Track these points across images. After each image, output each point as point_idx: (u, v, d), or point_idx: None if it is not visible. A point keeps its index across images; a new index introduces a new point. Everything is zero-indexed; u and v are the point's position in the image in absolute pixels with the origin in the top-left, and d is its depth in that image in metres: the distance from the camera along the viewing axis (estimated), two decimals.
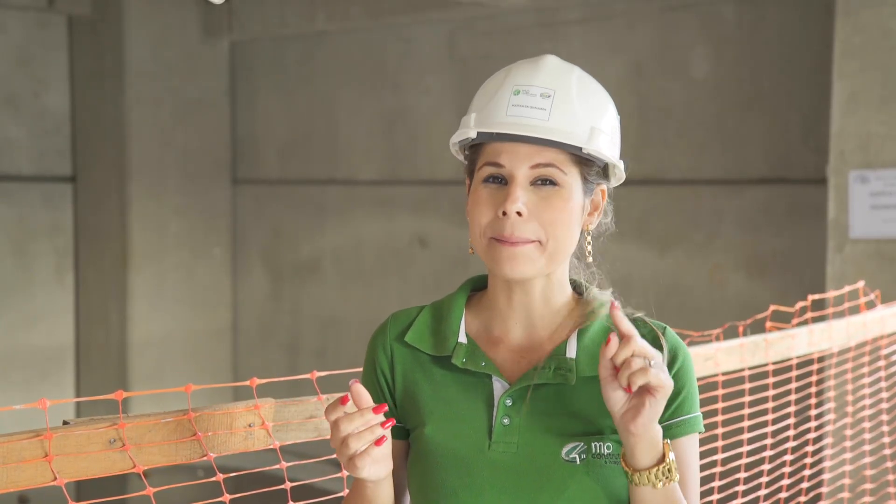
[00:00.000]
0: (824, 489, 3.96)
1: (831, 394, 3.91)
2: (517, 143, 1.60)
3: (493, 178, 1.62)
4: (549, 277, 1.66)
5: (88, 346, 8.64)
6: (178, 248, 8.57)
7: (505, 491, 1.60)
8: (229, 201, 8.86)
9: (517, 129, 1.58)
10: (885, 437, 4.07)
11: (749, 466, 3.41)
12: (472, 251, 1.67)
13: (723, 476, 3.24)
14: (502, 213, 1.59)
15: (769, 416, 3.45)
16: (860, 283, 4.00)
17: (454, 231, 7.51)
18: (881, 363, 4.05)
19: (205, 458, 1.81)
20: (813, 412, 3.75)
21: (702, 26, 6.50)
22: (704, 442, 3.26)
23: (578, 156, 1.62)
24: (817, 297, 3.79)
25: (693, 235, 6.60)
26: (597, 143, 1.61)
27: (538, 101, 1.60)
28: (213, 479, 1.94)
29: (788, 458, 3.53)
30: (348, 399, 1.53)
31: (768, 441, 3.45)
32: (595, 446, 1.60)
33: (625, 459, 1.55)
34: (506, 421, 1.62)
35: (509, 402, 1.63)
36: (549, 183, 1.60)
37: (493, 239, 1.61)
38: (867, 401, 3.99)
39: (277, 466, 2.04)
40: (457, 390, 1.66)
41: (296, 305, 8.64)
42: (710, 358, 2.92)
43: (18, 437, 1.63)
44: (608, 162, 1.66)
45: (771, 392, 3.43)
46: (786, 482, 3.52)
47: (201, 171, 8.63)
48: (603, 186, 1.69)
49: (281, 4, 8.04)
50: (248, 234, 8.90)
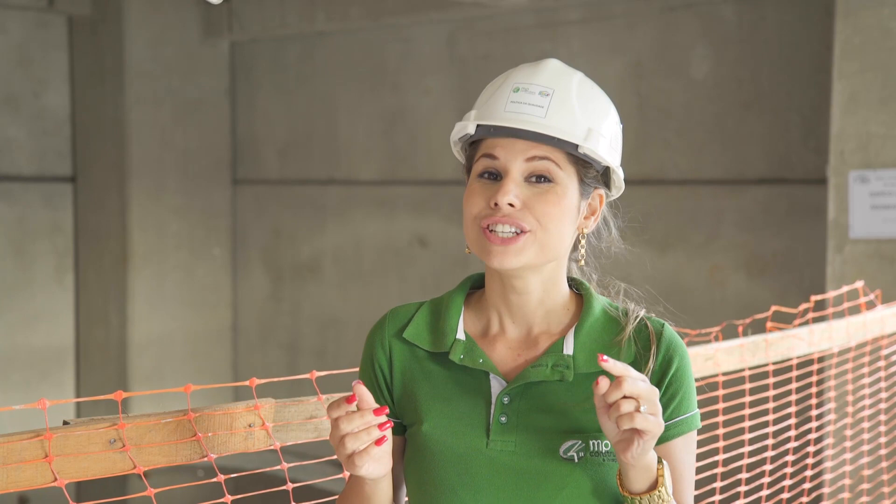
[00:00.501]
0: (826, 489, 3.96)
1: (832, 394, 3.91)
2: (514, 139, 1.60)
3: (488, 174, 1.63)
4: (545, 275, 1.66)
5: (88, 346, 8.64)
6: (177, 248, 8.57)
7: (503, 489, 1.60)
8: (229, 201, 8.86)
9: (514, 122, 1.59)
10: (882, 437, 4.07)
11: (751, 467, 3.41)
12: (468, 251, 1.67)
13: (724, 476, 3.24)
14: (494, 204, 1.60)
15: (770, 417, 3.45)
16: (860, 283, 3.99)
17: (454, 231, 7.51)
18: (881, 363, 4.05)
19: (205, 459, 1.81)
20: (814, 412, 3.75)
21: (702, 26, 6.50)
22: (706, 442, 3.27)
23: (575, 155, 1.62)
24: (819, 297, 3.79)
25: (693, 235, 6.60)
26: (593, 144, 1.62)
27: (536, 99, 1.61)
28: (214, 479, 1.93)
29: (790, 458, 3.53)
30: (354, 399, 1.53)
31: (769, 441, 3.45)
32: (593, 444, 1.60)
33: (620, 480, 1.57)
34: (503, 419, 1.62)
35: (507, 400, 1.63)
36: (544, 180, 1.61)
37: (483, 230, 1.61)
38: (867, 401, 3.99)
39: (278, 467, 2.04)
40: (454, 387, 1.66)
41: (296, 305, 8.64)
42: (710, 358, 2.92)
43: (18, 437, 1.63)
44: (606, 165, 1.66)
45: (771, 392, 3.43)
46: (788, 482, 3.52)
47: (201, 171, 8.63)
48: (601, 192, 1.69)
49: (281, 4, 8.04)
50: (248, 235, 8.90)
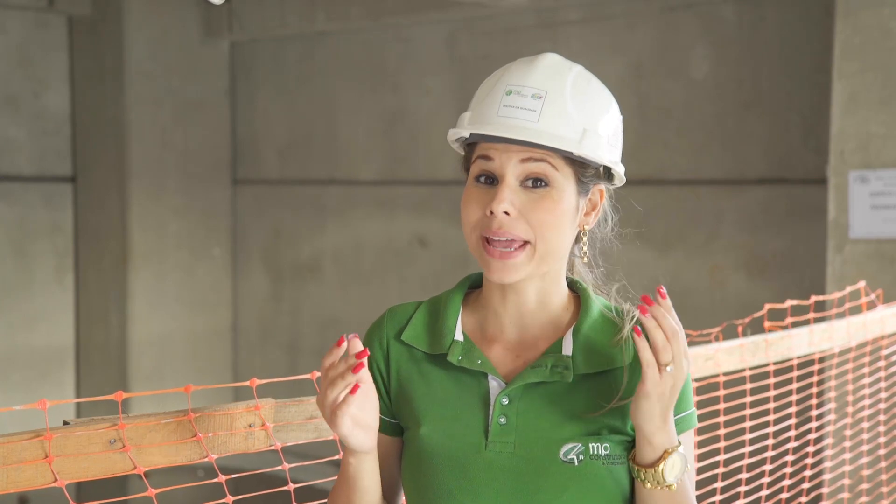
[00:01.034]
0: (825, 489, 3.96)
1: (832, 394, 3.91)
2: (508, 144, 1.59)
3: (485, 177, 1.61)
4: (544, 277, 1.65)
5: (88, 346, 8.64)
6: (178, 248, 8.57)
7: (502, 492, 1.59)
8: (229, 201, 8.86)
9: (505, 130, 1.57)
10: (881, 437, 4.07)
11: (751, 467, 3.41)
12: None
13: (725, 477, 3.24)
14: (490, 213, 1.59)
15: (770, 417, 3.45)
16: (862, 284, 3.99)
17: (454, 231, 7.51)
18: (881, 363, 4.05)
19: (205, 459, 1.81)
20: (814, 412, 3.75)
21: (702, 26, 6.50)
22: (706, 443, 3.27)
23: (570, 157, 1.61)
24: (820, 298, 3.79)
25: (693, 235, 6.60)
26: (589, 146, 1.59)
27: (529, 102, 1.58)
28: (214, 480, 1.93)
29: (790, 458, 3.53)
30: (343, 340, 1.55)
31: (770, 441, 3.44)
32: (593, 447, 1.59)
33: (635, 454, 1.58)
34: (502, 420, 1.61)
35: (506, 401, 1.62)
36: (540, 183, 1.59)
37: (482, 238, 1.60)
38: (867, 401, 3.99)
39: (279, 468, 2.04)
40: (452, 389, 1.65)
41: (296, 305, 8.64)
42: (710, 358, 2.92)
43: (18, 437, 1.63)
44: (605, 165, 1.65)
45: (772, 392, 3.43)
46: (787, 482, 3.52)
47: (201, 171, 8.63)
48: (601, 187, 1.67)
49: (281, 4, 8.04)
50: (248, 235, 8.90)
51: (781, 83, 6.22)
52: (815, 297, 3.69)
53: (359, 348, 1.55)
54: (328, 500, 1.71)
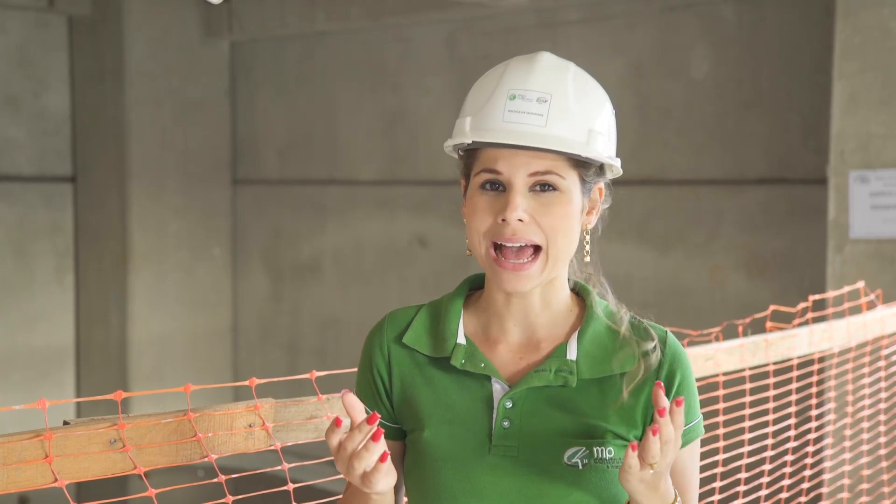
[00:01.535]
0: (825, 489, 3.96)
1: (832, 394, 3.91)
2: (514, 150, 1.57)
3: (490, 185, 1.59)
4: (549, 280, 1.64)
5: (88, 346, 8.64)
6: (177, 248, 8.57)
7: (506, 496, 1.59)
8: (229, 201, 8.86)
9: (514, 137, 1.55)
10: (882, 437, 4.07)
11: (750, 467, 3.41)
12: (469, 253, 1.65)
13: (724, 476, 3.24)
14: (502, 220, 1.57)
15: (770, 417, 3.44)
16: (860, 284, 3.99)
17: (454, 231, 7.51)
18: (881, 363, 4.05)
19: (205, 459, 1.81)
20: (813, 412, 3.75)
21: (702, 26, 6.50)
22: (706, 442, 3.26)
23: (576, 159, 1.60)
24: (818, 297, 3.79)
25: (693, 235, 6.60)
26: (595, 147, 1.59)
27: (534, 107, 1.57)
28: (214, 480, 1.93)
29: (789, 458, 3.53)
30: (341, 421, 1.49)
31: (769, 441, 3.44)
32: (597, 451, 1.59)
33: None
34: (506, 423, 1.60)
35: (509, 405, 1.61)
36: (548, 188, 1.58)
37: (492, 246, 1.59)
38: (867, 401, 3.99)
39: (279, 468, 2.04)
40: (455, 392, 1.64)
41: (296, 305, 8.64)
42: (710, 358, 2.92)
43: (18, 437, 1.63)
44: (606, 162, 1.65)
45: (772, 392, 3.42)
46: (786, 482, 3.52)
47: (201, 171, 8.63)
48: (600, 184, 1.67)
49: (281, 4, 8.04)
50: (248, 235, 8.90)
51: (781, 83, 6.22)
52: (813, 297, 3.69)
53: (355, 405, 1.49)
54: None
